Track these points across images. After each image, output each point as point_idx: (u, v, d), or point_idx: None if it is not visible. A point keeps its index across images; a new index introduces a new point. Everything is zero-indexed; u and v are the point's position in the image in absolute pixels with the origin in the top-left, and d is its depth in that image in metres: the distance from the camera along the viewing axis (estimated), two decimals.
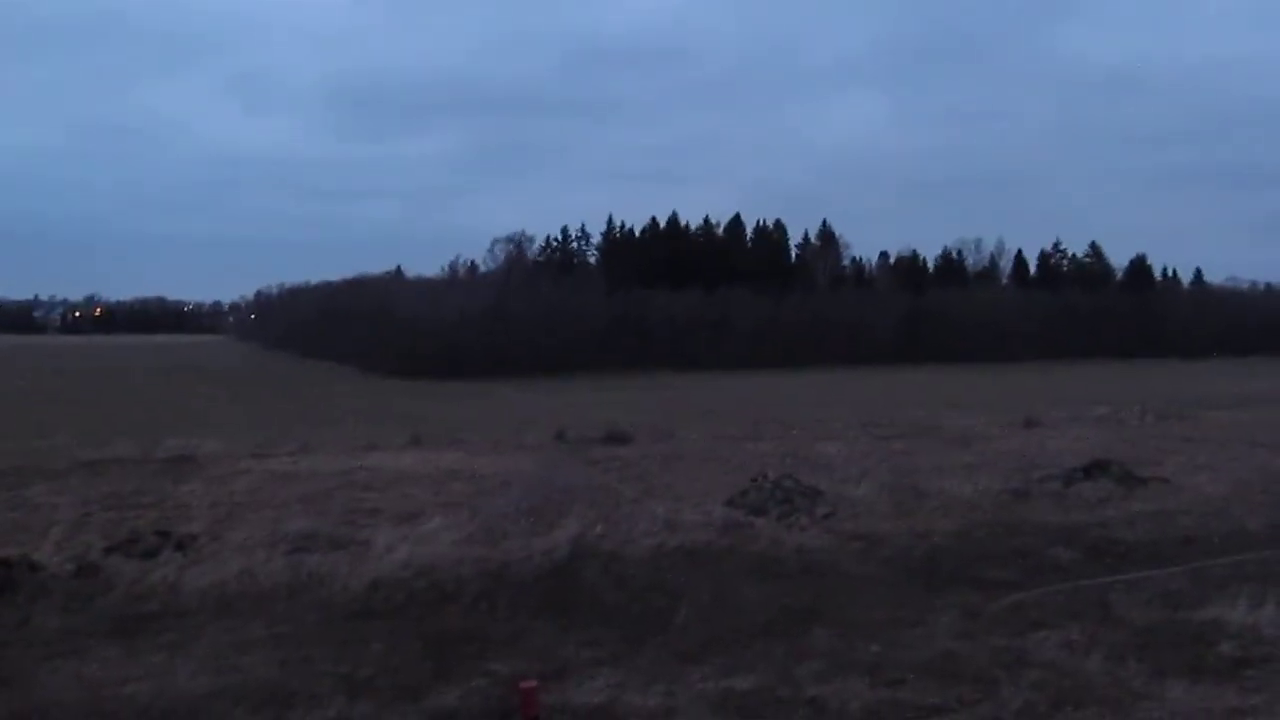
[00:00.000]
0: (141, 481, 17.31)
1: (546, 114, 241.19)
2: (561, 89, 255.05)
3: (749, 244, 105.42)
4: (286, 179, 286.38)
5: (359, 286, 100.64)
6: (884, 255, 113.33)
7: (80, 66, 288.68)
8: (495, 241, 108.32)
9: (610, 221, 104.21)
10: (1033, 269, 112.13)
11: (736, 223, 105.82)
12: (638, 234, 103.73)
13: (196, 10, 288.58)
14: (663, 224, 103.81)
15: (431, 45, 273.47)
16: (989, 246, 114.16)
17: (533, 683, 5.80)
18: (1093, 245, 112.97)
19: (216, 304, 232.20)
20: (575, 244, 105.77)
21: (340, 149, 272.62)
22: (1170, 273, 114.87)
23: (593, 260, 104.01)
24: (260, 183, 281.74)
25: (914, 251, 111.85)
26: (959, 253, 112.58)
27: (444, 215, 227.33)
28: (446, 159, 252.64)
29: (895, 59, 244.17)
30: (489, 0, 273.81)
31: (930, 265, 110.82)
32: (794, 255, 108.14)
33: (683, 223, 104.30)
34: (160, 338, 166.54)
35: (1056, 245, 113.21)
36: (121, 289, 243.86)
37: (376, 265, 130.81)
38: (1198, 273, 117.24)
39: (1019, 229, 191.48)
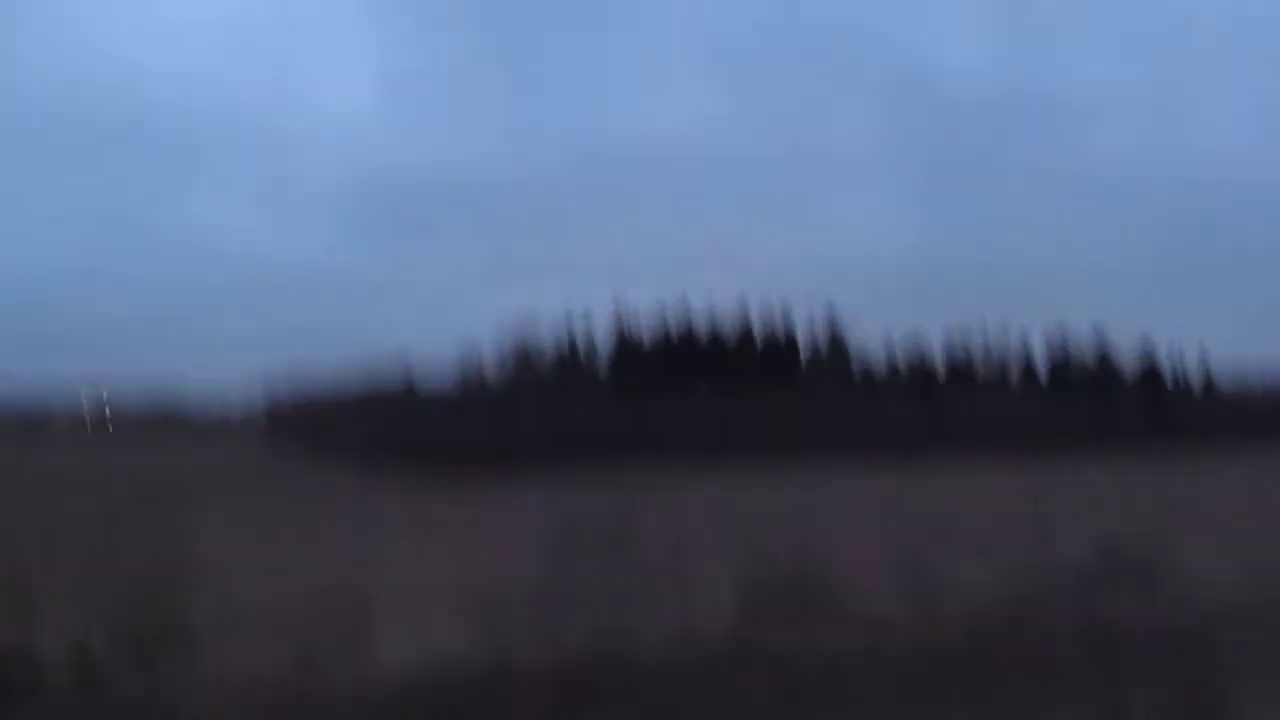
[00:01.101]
0: (147, 581, 17.25)
1: (561, 216, 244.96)
2: (577, 192, 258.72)
3: (758, 344, 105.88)
4: (301, 282, 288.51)
5: (368, 388, 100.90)
6: (893, 350, 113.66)
7: (107, 173, 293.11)
8: (502, 338, 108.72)
9: (619, 319, 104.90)
10: (1042, 361, 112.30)
11: (745, 323, 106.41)
12: (646, 331, 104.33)
13: (221, 119, 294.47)
14: (672, 324, 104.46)
15: (451, 151, 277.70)
16: (998, 340, 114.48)
17: None
18: (1100, 335, 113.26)
19: (226, 400, 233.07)
20: (582, 342, 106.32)
21: (356, 252, 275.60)
22: (1180, 364, 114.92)
23: (600, 359, 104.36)
24: (274, 287, 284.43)
25: (923, 346, 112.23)
26: (968, 349, 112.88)
27: (455, 316, 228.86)
28: (461, 258, 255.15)
29: (905, 156, 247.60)
30: (510, 108, 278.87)
31: (940, 362, 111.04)
32: (803, 351, 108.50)
33: (692, 323, 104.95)
34: (167, 437, 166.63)
35: (1065, 337, 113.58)
36: (128, 389, 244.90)
37: (387, 367, 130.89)
38: (1207, 364, 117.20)
39: (1027, 322, 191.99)
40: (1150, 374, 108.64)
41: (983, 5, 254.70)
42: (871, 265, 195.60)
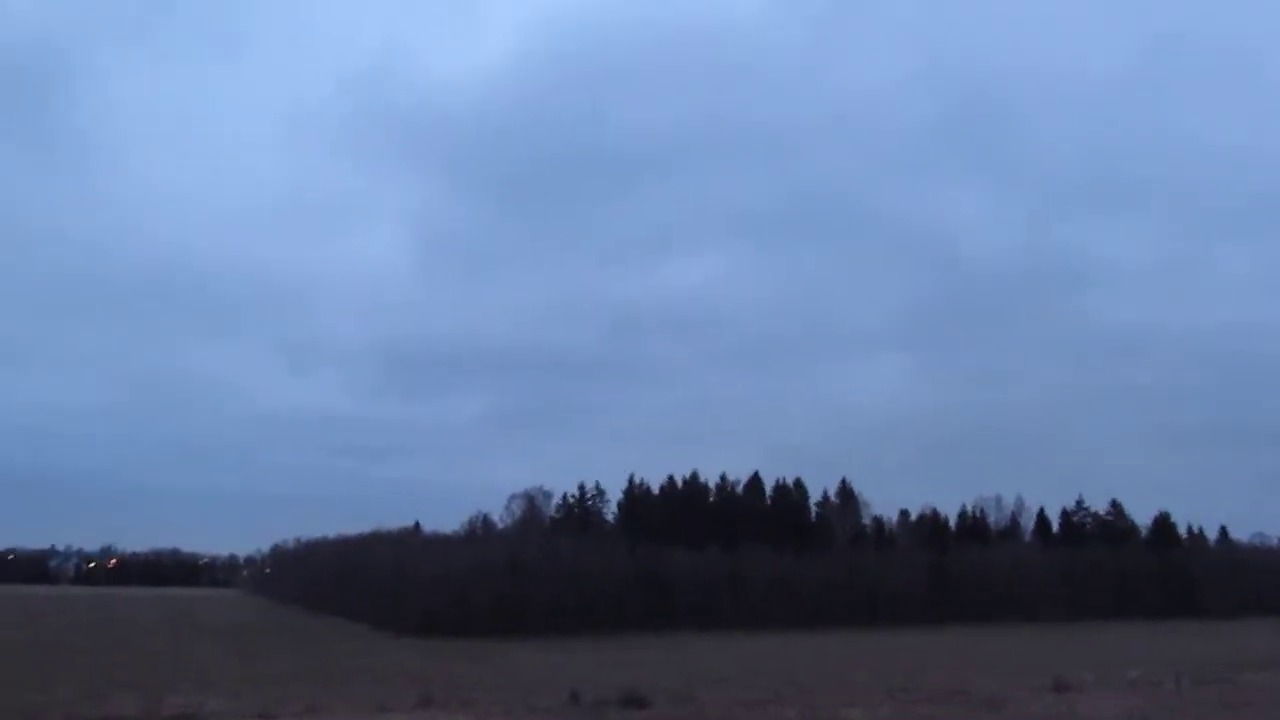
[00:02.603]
0: None
1: (576, 376, 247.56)
2: (593, 354, 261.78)
3: (768, 502, 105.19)
4: (320, 437, 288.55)
5: (374, 542, 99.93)
6: (904, 513, 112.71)
7: (137, 331, 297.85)
8: (512, 497, 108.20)
9: (631, 479, 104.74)
10: (1055, 527, 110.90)
11: (755, 481, 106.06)
12: (657, 491, 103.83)
13: (251, 280, 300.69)
14: (682, 482, 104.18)
15: (475, 315, 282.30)
16: (1009, 504, 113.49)
17: None
18: (1114, 503, 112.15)
19: (232, 557, 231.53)
20: (591, 501, 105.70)
21: (377, 409, 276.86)
22: (1196, 530, 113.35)
23: (610, 518, 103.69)
24: (293, 440, 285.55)
25: (934, 509, 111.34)
26: (980, 511, 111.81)
27: (469, 472, 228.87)
28: (477, 418, 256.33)
29: (916, 325, 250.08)
30: (533, 277, 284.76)
31: (951, 523, 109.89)
32: (814, 513, 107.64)
33: (702, 480, 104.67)
34: (172, 590, 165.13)
35: (1079, 503, 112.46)
36: (139, 540, 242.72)
37: (399, 520, 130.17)
38: (1223, 530, 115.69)
39: (1039, 487, 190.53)
40: (1164, 537, 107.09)
41: (999, 179, 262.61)
42: (885, 429, 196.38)
